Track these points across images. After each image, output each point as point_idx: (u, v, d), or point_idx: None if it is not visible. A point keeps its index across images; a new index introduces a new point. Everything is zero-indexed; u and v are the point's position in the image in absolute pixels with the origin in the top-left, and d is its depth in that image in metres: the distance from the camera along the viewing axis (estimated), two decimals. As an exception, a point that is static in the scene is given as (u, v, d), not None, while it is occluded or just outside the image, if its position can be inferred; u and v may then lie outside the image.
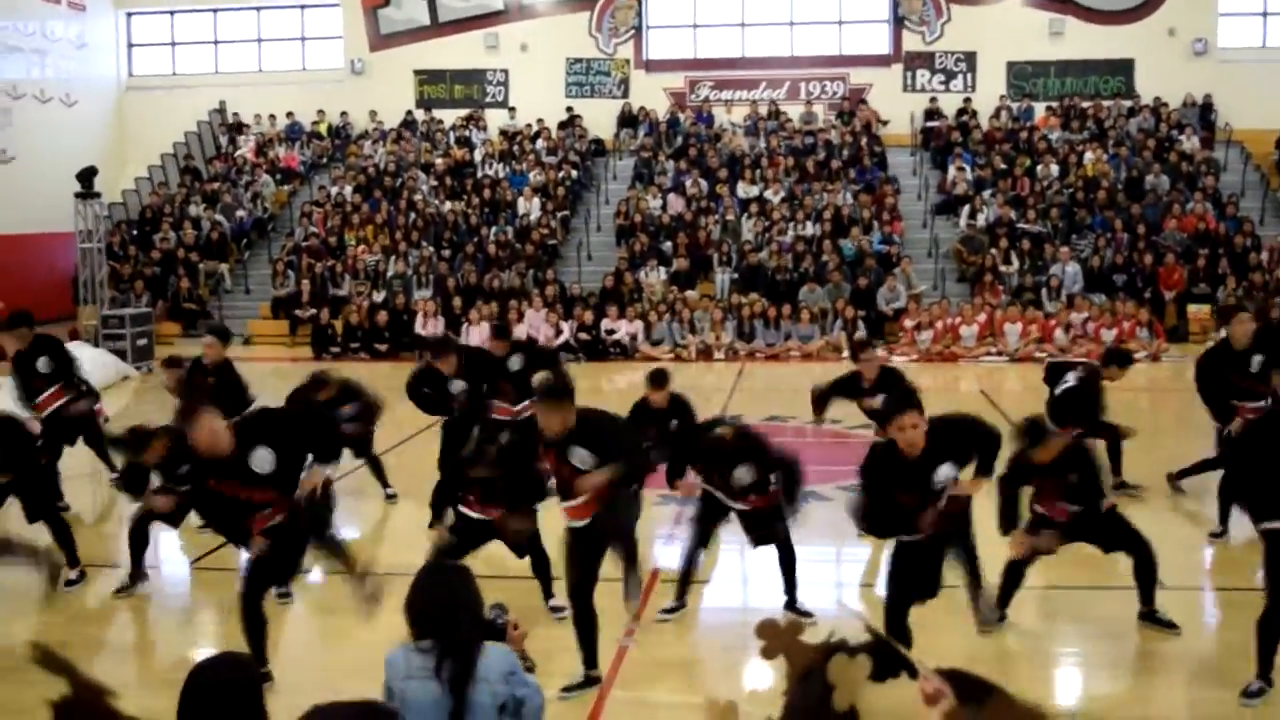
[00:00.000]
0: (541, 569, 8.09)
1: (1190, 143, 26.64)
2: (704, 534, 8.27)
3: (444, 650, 4.09)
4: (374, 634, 7.06)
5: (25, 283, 23.99)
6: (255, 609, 6.80)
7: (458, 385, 10.54)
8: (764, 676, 7.31)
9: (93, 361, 18.35)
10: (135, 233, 27.00)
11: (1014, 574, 7.66)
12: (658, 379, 9.41)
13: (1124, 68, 28.63)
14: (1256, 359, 9.82)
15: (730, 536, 9.58)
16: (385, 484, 11.39)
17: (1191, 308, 22.69)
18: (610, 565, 7.07)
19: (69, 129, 28.39)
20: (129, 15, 31.70)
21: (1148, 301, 22.23)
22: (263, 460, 6.58)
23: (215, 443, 6.49)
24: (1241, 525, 9.04)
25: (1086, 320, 21.26)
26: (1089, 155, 26.43)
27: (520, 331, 21.57)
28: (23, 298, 22.86)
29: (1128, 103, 28.21)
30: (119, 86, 31.46)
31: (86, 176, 21.04)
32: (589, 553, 6.80)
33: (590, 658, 6.67)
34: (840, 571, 9.60)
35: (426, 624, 4.14)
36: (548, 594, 8.05)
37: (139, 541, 8.88)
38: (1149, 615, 7.57)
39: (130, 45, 31.91)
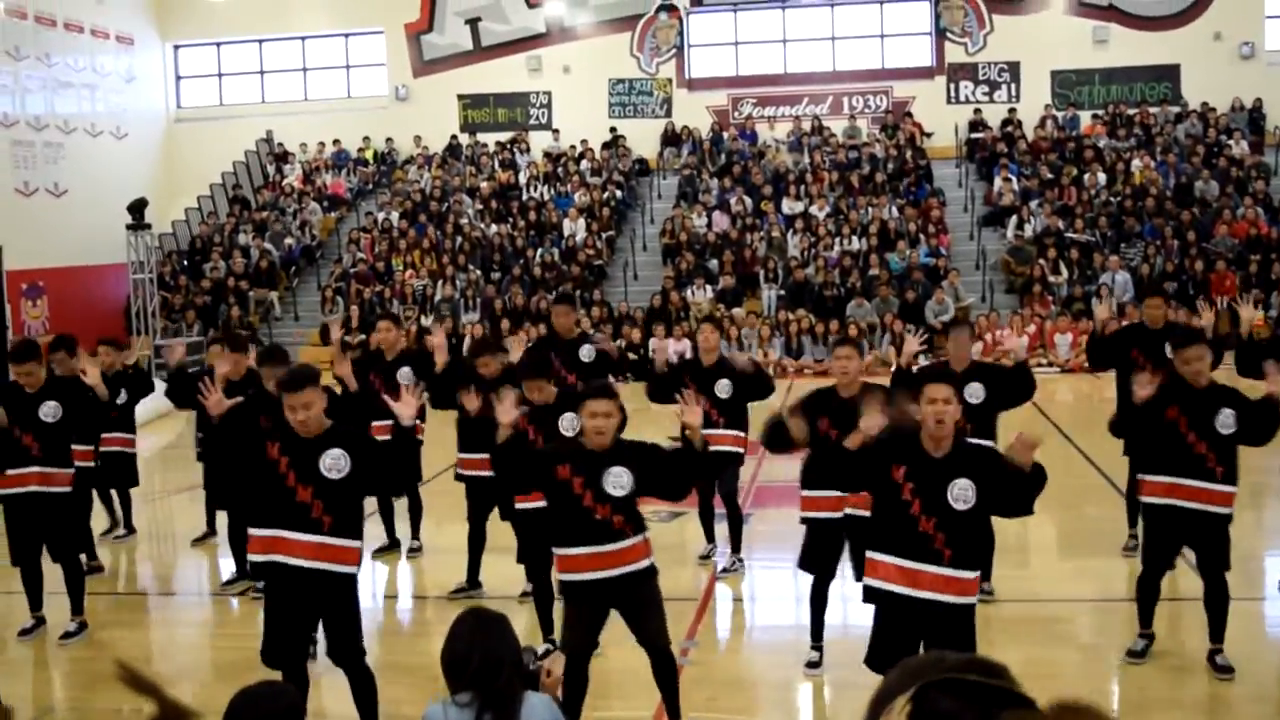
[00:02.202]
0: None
1: (1239, 147, 26.37)
2: (830, 564, 7.41)
3: (484, 703, 3.89)
4: (422, 659, 7.09)
5: (79, 314, 24.31)
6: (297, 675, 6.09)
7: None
8: (818, 695, 7.28)
9: (146, 391, 18.54)
10: (186, 263, 27.27)
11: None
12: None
13: (1170, 73, 28.40)
14: None
15: (775, 554, 9.56)
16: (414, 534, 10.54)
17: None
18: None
19: (119, 162, 28.73)
20: (176, 48, 32.08)
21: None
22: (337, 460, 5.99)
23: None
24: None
25: (1138, 329, 21.06)
26: (1136, 163, 26.22)
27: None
28: (77, 328, 23.20)
29: (1175, 108, 27.96)
30: (168, 118, 31.83)
31: (137, 208, 21.32)
32: (596, 613, 6.07)
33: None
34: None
35: (465, 675, 3.91)
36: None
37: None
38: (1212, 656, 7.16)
39: (178, 77, 32.29)
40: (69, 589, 8.36)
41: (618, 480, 5.83)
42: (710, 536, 9.64)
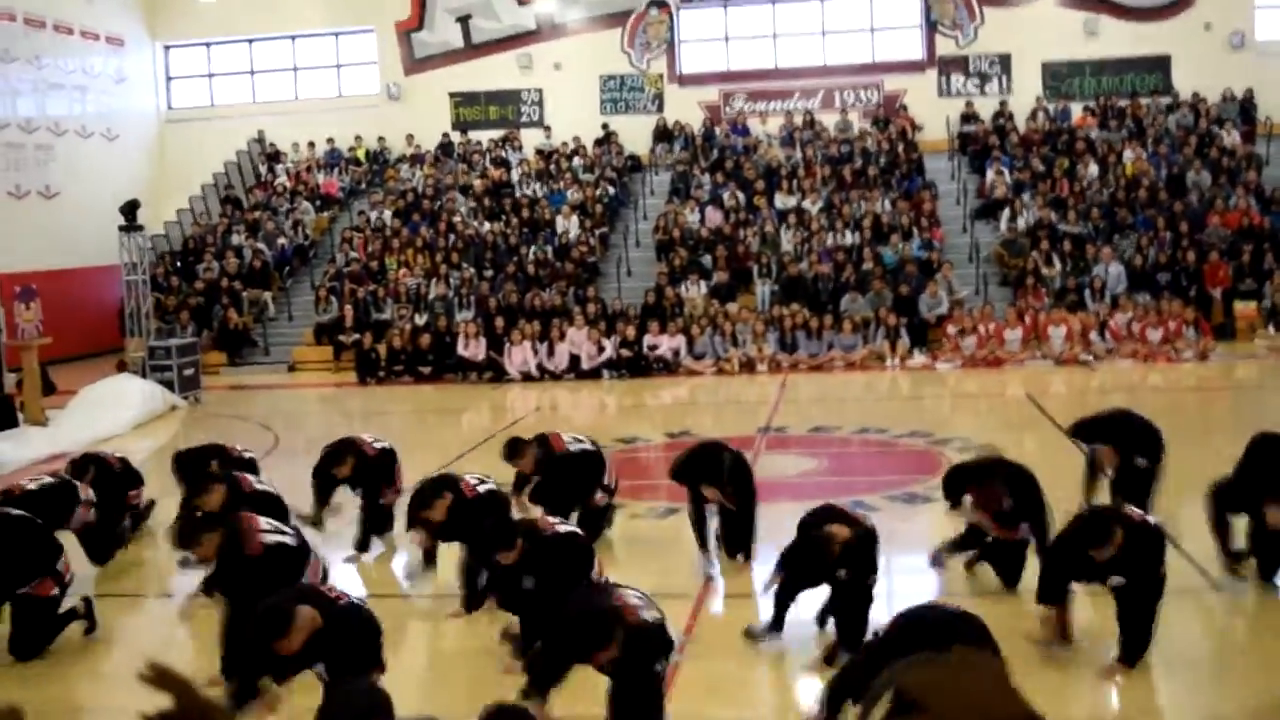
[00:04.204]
0: None
1: (1231, 138, 26.39)
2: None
3: None
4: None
5: (73, 317, 24.30)
6: None
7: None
8: (815, 691, 7.28)
9: (141, 393, 18.58)
10: (179, 263, 27.24)
11: None
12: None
13: (1161, 64, 28.44)
14: None
15: (773, 551, 9.49)
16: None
17: (1238, 304, 22.46)
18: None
19: (111, 163, 28.73)
20: (166, 48, 32.06)
21: (1193, 299, 22.02)
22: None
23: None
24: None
25: (1131, 320, 21.09)
26: (1128, 154, 26.24)
27: (563, 350, 21.66)
28: (71, 332, 23.24)
29: (1166, 99, 28.00)
30: (159, 119, 31.82)
31: (130, 209, 21.25)
32: None
33: None
34: (889, 583, 9.50)
35: None
36: None
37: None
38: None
39: (169, 78, 32.27)
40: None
41: None
42: (705, 549, 9.51)
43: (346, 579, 9.18)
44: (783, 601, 7.57)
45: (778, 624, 7.59)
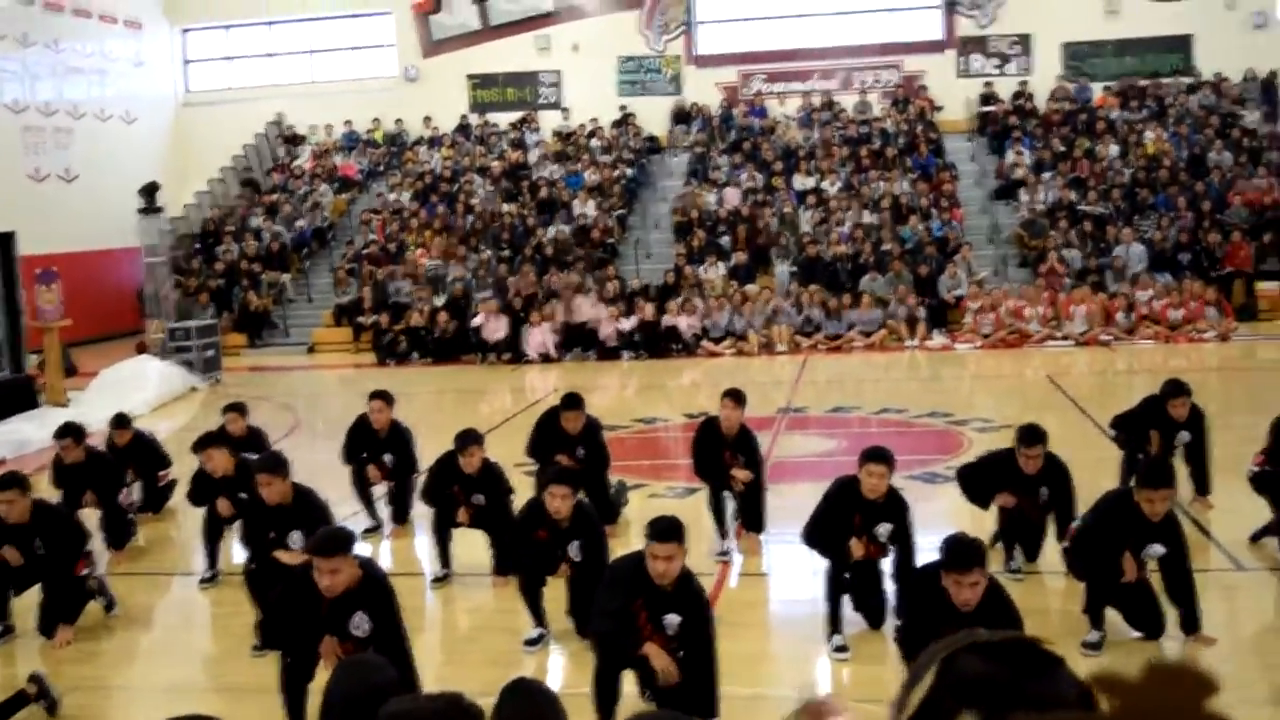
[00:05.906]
0: None
1: (1252, 117, 26.22)
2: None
3: None
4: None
5: (93, 299, 24.37)
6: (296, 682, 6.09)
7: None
8: (834, 670, 7.27)
9: (160, 375, 18.65)
10: (198, 246, 27.32)
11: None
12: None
13: (1182, 44, 28.23)
14: None
15: (793, 529, 9.49)
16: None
17: (1260, 285, 22.33)
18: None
19: (129, 146, 28.78)
20: (184, 32, 32.07)
21: (1215, 280, 21.89)
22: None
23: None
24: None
25: (1152, 299, 20.98)
26: (1149, 134, 26.09)
27: (562, 317, 21.69)
28: (92, 314, 23.31)
29: (1187, 80, 27.81)
30: (177, 102, 31.84)
31: (149, 192, 21.31)
32: None
33: None
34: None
35: None
36: None
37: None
38: None
39: (186, 61, 32.29)
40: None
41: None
42: (723, 533, 9.55)
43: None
44: (837, 585, 7.54)
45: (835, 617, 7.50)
